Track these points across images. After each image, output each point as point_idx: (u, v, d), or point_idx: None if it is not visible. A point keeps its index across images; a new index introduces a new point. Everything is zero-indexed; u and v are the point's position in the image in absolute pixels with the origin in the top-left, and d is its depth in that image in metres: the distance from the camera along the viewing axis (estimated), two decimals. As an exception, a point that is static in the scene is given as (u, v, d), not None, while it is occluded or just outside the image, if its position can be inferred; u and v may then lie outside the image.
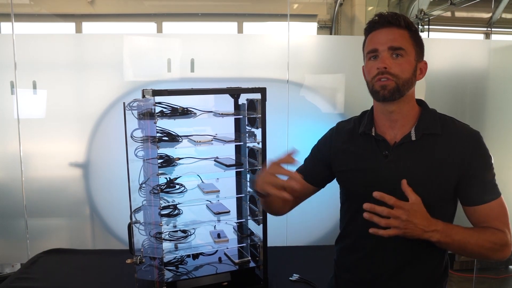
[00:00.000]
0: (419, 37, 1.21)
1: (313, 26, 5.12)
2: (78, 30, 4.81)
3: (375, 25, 1.19)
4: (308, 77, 2.62)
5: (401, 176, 1.17)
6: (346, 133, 1.33)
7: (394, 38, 1.15)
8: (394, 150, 1.20)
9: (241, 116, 1.84)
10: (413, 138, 1.19)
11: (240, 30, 4.96)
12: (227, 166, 1.75)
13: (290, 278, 1.85)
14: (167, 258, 1.69)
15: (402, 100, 1.19)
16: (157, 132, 1.63)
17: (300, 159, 1.46)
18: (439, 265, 1.24)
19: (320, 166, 1.38)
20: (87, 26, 4.85)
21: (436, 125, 1.20)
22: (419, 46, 1.20)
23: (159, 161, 1.64)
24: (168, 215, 1.69)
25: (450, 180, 1.17)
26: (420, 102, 1.27)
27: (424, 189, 1.16)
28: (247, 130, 1.82)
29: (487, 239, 1.13)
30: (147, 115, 1.59)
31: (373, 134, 1.25)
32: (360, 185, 1.25)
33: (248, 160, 1.81)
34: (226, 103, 1.85)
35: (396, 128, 1.22)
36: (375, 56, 1.17)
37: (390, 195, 1.16)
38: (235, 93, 1.82)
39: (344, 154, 1.31)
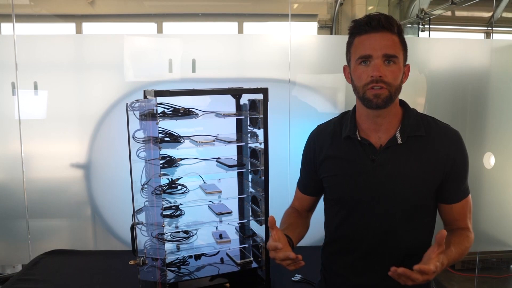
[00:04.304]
0: (405, 40, 1.18)
1: (313, 26, 5.11)
2: (79, 30, 4.81)
3: (366, 28, 1.14)
4: (309, 77, 2.62)
5: (391, 179, 1.19)
6: (329, 137, 1.31)
7: (388, 44, 1.12)
8: (381, 154, 1.21)
9: (243, 117, 1.84)
10: (399, 141, 1.19)
11: (240, 30, 4.95)
12: (229, 166, 1.75)
13: (292, 278, 1.85)
14: (169, 259, 1.69)
15: (390, 105, 1.19)
16: (159, 133, 1.62)
17: (296, 168, 1.49)
18: None
19: (315, 176, 1.37)
20: (87, 26, 4.85)
21: (420, 127, 1.21)
22: (406, 50, 1.18)
23: (161, 161, 1.64)
24: (170, 216, 1.69)
25: (435, 179, 1.20)
26: (401, 103, 1.26)
27: (413, 191, 1.18)
28: (249, 130, 1.82)
29: (465, 246, 1.18)
30: (149, 116, 1.59)
31: (359, 138, 1.24)
32: (350, 190, 1.25)
33: (250, 161, 1.81)
34: (227, 103, 1.85)
35: (381, 131, 1.22)
36: (366, 61, 1.14)
37: (380, 198, 1.20)
38: (237, 93, 1.82)
39: (330, 159, 1.30)
